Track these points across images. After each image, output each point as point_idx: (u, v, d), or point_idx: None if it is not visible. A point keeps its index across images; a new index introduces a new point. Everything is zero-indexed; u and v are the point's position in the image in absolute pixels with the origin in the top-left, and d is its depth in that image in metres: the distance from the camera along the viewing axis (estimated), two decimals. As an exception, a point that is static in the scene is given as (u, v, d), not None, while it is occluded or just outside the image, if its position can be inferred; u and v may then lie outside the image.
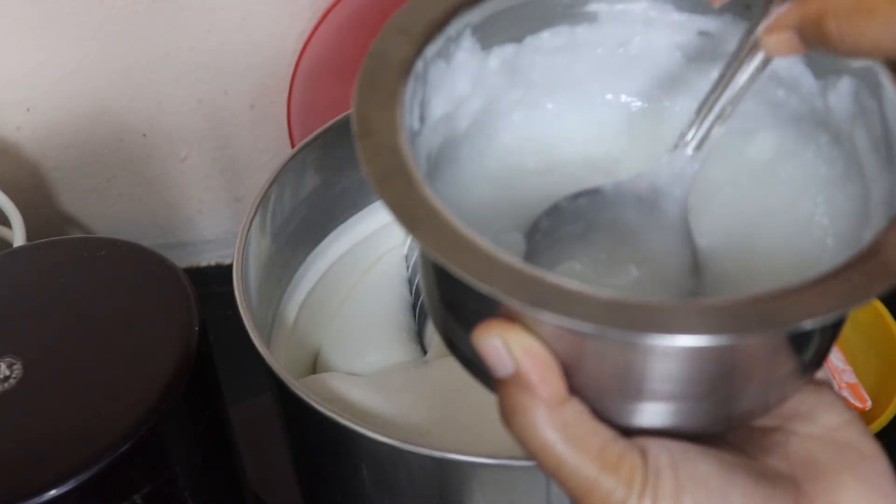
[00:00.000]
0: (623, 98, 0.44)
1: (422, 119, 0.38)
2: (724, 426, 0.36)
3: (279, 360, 0.53)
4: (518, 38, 0.42)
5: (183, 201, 0.92)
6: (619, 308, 0.30)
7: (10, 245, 0.78)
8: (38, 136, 0.86)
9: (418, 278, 0.66)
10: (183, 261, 0.94)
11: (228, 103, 0.86)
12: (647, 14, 0.42)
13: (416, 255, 0.68)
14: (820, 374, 0.38)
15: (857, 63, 0.38)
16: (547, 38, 0.42)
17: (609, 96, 0.44)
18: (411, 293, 0.68)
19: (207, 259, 0.95)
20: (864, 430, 0.36)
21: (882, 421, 0.79)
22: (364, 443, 0.50)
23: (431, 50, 0.38)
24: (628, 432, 0.34)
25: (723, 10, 0.41)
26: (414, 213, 0.32)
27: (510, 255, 0.31)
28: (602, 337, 0.31)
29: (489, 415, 0.56)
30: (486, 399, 0.58)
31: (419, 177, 0.33)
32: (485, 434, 0.55)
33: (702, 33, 0.42)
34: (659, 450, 0.33)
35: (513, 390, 0.33)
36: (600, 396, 0.33)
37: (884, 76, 0.36)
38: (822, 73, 0.40)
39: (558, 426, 0.33)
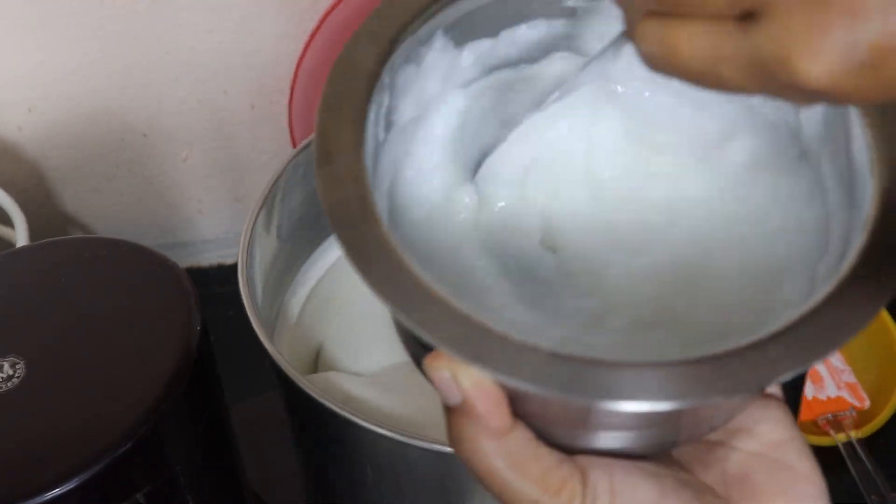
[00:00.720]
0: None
1: (387, 127, 0.38)
2: (670, 448, 0.37)
3: (282, 356, 0.53)
4: (493, 33, 0.41)
5: (183, 201, 0.92)
6: (560, 365, 0.30)
7: (13, 245, 0.78)
8: (39, 136, 0.86)
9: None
10: (183, 261, 0.94)
11: (229, 103, 0.86)
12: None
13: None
14: (772, 388, 0.38)
15: None
16: (524, 31, 0.41)
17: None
18: (412, 293, 0.68)
19: (208, 259, 0.95)
20: (803, 449, 0.36)
21: (880, 420, 0.79)
22: (367, 437, 0.50)
23: (400, 56, 0.37)
24: (573, 451, 0.35)
25: None
26: (368, 255, 0.32)
27: (460, 303, 0.31)
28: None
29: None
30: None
31: (377, 213, 0.33)
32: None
33: None
34: (599, 475, 0.34)
35: (460, 419, 0.33)
36: (545, 423, 0.34)
37: (854, 113, 0.36)
38: None
39: (503, 454, 0.34)
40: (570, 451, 0.35)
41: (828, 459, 0.79)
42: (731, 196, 0.41)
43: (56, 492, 0.46)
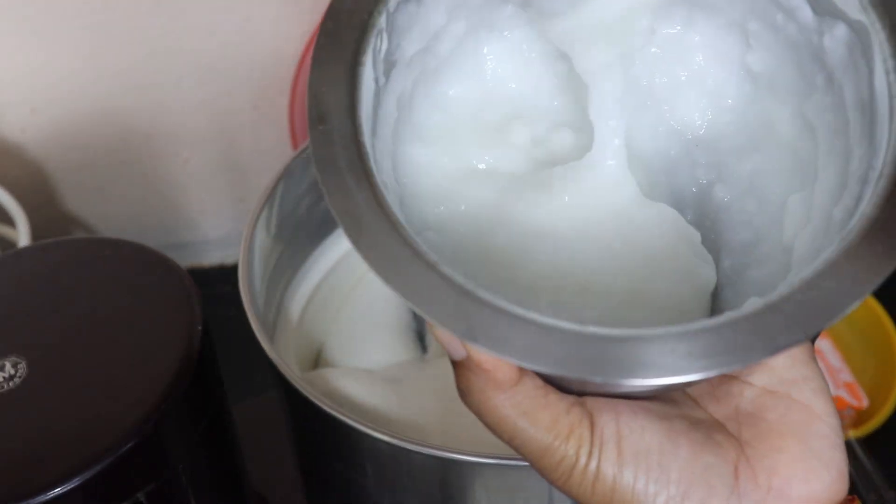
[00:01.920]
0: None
1: (387, 70, 0.36)
2: (683, 387, 0.36)
3: (283, 356, 0.53)
4: None
5: (185, 202, 0.92)
6: (557, 337, 0.30)
7: (15, 245, 0.79)
8: (42, 137, 0.86)
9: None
10: (185, 261, 0.94)
11: (231, 104, 0.86)
12: None
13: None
14: None
15: (854, 14, 0.36)
16: None
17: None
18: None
19: (210, 259, 0.96)
20: (819, 387, 0.36)
21: (879, 419, 0.79)
22: (367, 441, 0.50)
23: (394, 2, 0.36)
24: (582, 394, 0.35)
25: None
26: (360, 223, 0.31)
27: (455, 274, 0.31)
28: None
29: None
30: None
31: (373, 174, 0.32)
32: (486, 433, 0.55)
33: None
34: (607, 419, 0.34)
35: (468, 372, 0.34)
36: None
37: (877, 43, 0.35)
38: (820, 10, 0.38)
39: (511, 404, 0.34)
40: (579, 393, 0.35)
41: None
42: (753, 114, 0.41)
43: (57, 491, 0.46)
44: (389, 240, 0.31)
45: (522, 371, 0.34)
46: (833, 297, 0.30)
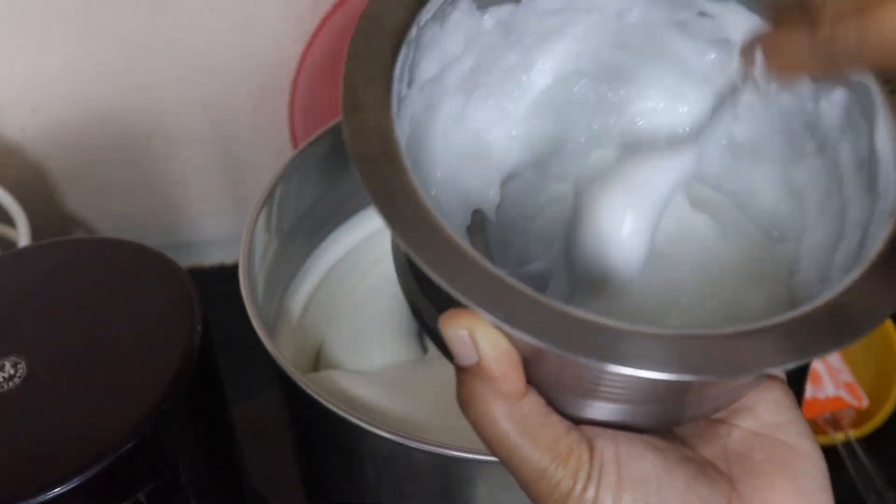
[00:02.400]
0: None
1: (410, 83, 0.37)
2: (675, 425, 0.37)
3: (283, 356, 0.53)
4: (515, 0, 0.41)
5: (186, 202, 0.92)
6: (580, 328, 0.30)
7: (15, 245, 0.79)
8: (42, 137, 0.86)
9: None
10: (186, 261, 0.94)
11: (231, 104, 0.86)
12: None
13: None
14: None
15: (855, 77, 0.37)
16: (544, 1, 0.41)
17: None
18: (412, 292, 0.68)
19: (210, 259, 0.96)
20: (804, 431, 0.36)
21: (879, 419, 0.80)
22: (368, 438, 0.50)
23: (427, 13, 0.37)
24: (580, 421, 0.35)
25: None
26: (393, 203, 0.32)
27: (485, 259, 0.31)
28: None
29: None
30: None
31: (406, 164, 0.33)
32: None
33: (703, 14, 0.41)
34: (606, 444, 0.34)
35: (473, 380, 0.33)
36: (556, 391, 0.34)
37: (879, 100, 0.36)
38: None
39: (514, 419, 0.33)
40: (576, 421, 0.35)
41: (826, 459, 0.79)
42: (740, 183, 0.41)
43: (57, 491, 0.46)
44: (429, 229, 0.32)
45: (527, 387, 0.34)
46: (858, 313, 0.31)
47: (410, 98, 0.37)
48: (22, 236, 0.77)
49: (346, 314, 0.67)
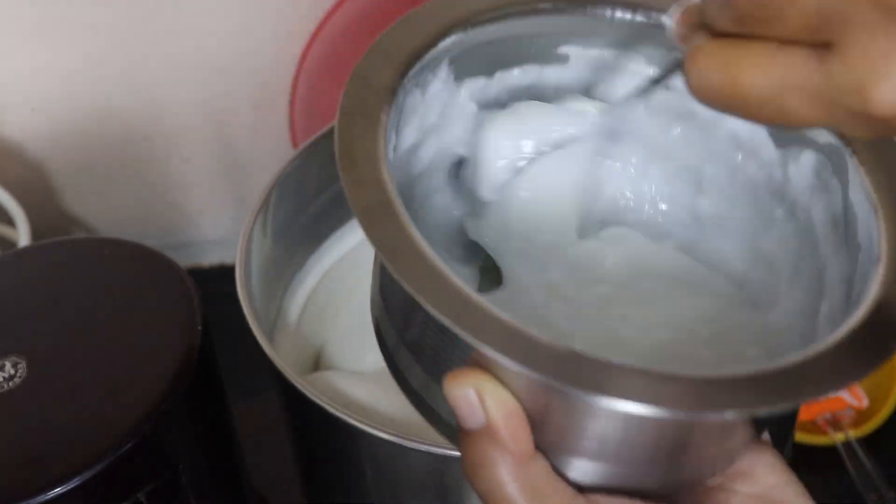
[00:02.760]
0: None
1: (395, 148, 0.38)
2: (674, 489, 0.37)
3: (282, 357, 0.53)
4: (489, 73, 0.41)
5: (185, 202, 0.92)
6: (594, 368, 0.30)
7: (15, 245, 0.79)
8: (42, 137, 0.86)
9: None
10: (185, 261, 0.94)
11: (231, 104, 0.86)
12: (618, 61, 0.42)
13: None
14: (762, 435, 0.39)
15: (823, 139, 0.37)
16: (516, 75, 0.42)
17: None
18: (411, 293, 0.68)
19: (210, 259, 0.96)
20: (801, 491, 0.37)
21: (879, 419, 0.80)
22: (365, 439, 0.50)
23: (411, 78, 0.37)
24: (582, 488, 0.34)
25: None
26: (400, 254, 0.32)
27: (494, 307, 0.31)
28: (569, 395, 0.32)
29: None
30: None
31: (404, 214, 0.33)
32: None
33: (668, 88, 0.41)
34: None
35: (481, 443, 0.32)
36: (560, 454, 0.34)
37: (850, 158, 0.36)
38: (784, 143, 0.39)
39: (523, 482, 0.33)
40: (579, 488, 0.34)
41: (826, 459, 0.79)
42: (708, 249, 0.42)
43: (58, 491, 0.46)
44: (430, 272, 0.32)
45: (536, 448, 0.33)
46: (851, 361, 0.31)
47: (392, 162, 0.38)
48: (22, 236, 0.77)
49: (345, 316, 0.67)
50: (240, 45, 0.83)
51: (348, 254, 0.70)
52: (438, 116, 0.40)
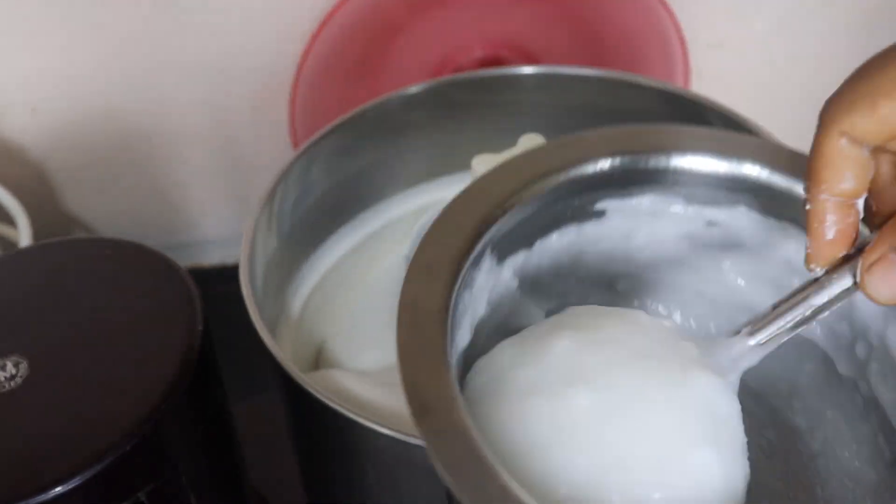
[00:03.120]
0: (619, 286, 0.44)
1: (453, 353, 0.37)
2: None
3: (284, 355, 0.53)
4: (529, 244, 0.41)
5: (186, 202, 0.92)
6: None
7: (16, 245, 0.79)
8: (42, 138, 0.86)
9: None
10: (186, 261, 0.93)
11: (231, 104, 0.86)
12: (655, 207, 0.42)
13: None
14: None
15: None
16: (555, 240, 0.42)
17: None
18: (413, 293, 0.68)
19: (210, 259, 0.96)
20: None
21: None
22: (368, 435, 0.50)
23: (459, 286, 0.36)
24: None
25: (736, 201, 0.41)
26: None
27: None
28: None
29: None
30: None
31: (491, 462, 0.32)
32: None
33: (711, 223, 0.42)
34: None
35: None
36: None
37: None
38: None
39: None
40: None
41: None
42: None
43: (58, 490, 0.46)
44: None
45: None
46: None
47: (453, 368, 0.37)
48: (23, 236, 0.77)
49: (347, 314, 0.67)
50: (240, 46, 0.83)
51: (350, 252, 0.70)
52: (487, 305, 0.40)
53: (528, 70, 0.69)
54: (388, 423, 0.49)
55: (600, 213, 0.42)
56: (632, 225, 0.42)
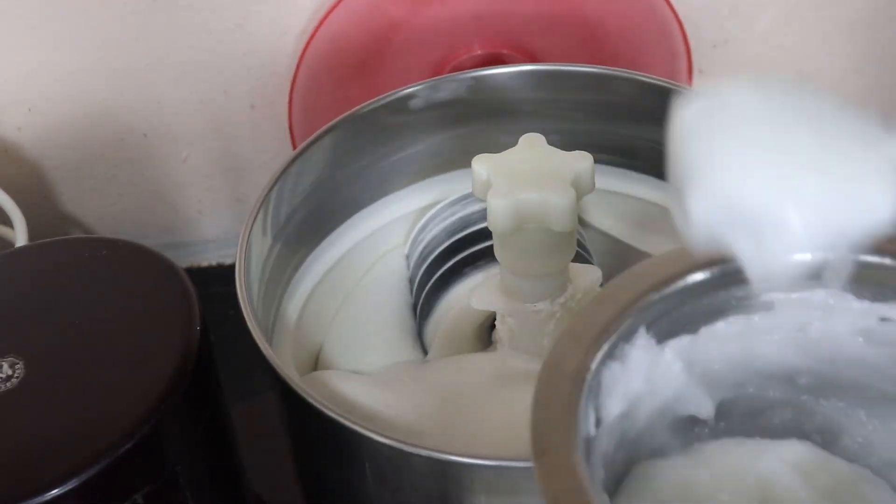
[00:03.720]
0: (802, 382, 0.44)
1: (597, 423, 0.39)
2: None
3: (281, 358, 0.53)
4: (693, 330, 0.42)
5: (183, 201, 0.92)
6: None
7: (12, 245, 0.78)
8: (39, 136, 0.86)
9: (418, 279, 0.67)
10: (183, 261, 0.94)
11: (229, 103, 0.86)
12: (827, 302, 0.41)
13: (416, 254, 0.68)
14: None
15: None
16: (722, 328, 0.42)
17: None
18: (412, 293, 0.68)
19: (208, 259, 0.95)
20: None
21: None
22: (366, 443, 0.50)
23: (603, 354, 0.39)
24: None
25: None
26: None
27: None
28: None
29: (490, 415, 0.56)
30: (486, 400, 0.58)
31: (594, 500, 0.34)
32: (485, 435, 0.55)
33: (884, 319, 0.41)
34: None
35: None
36: None
37: None
38: None
39: None
40: None
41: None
42: None
43: (55, 492, 0.46)
44: None
45: None
46: None
47: (600, 437, 0.39)
48: (19, 236, 0.77)
49: (345, 316, 0.67)
50: (238, 44, 0.83)
51: (348, 253, 0.70)
52: (645, 382, 0.41)
53: (528, 69, 0.69)
54: (386, 431, 0.49)
55: (768, 305, 0.42)
56: (804, 319, 0.42)
